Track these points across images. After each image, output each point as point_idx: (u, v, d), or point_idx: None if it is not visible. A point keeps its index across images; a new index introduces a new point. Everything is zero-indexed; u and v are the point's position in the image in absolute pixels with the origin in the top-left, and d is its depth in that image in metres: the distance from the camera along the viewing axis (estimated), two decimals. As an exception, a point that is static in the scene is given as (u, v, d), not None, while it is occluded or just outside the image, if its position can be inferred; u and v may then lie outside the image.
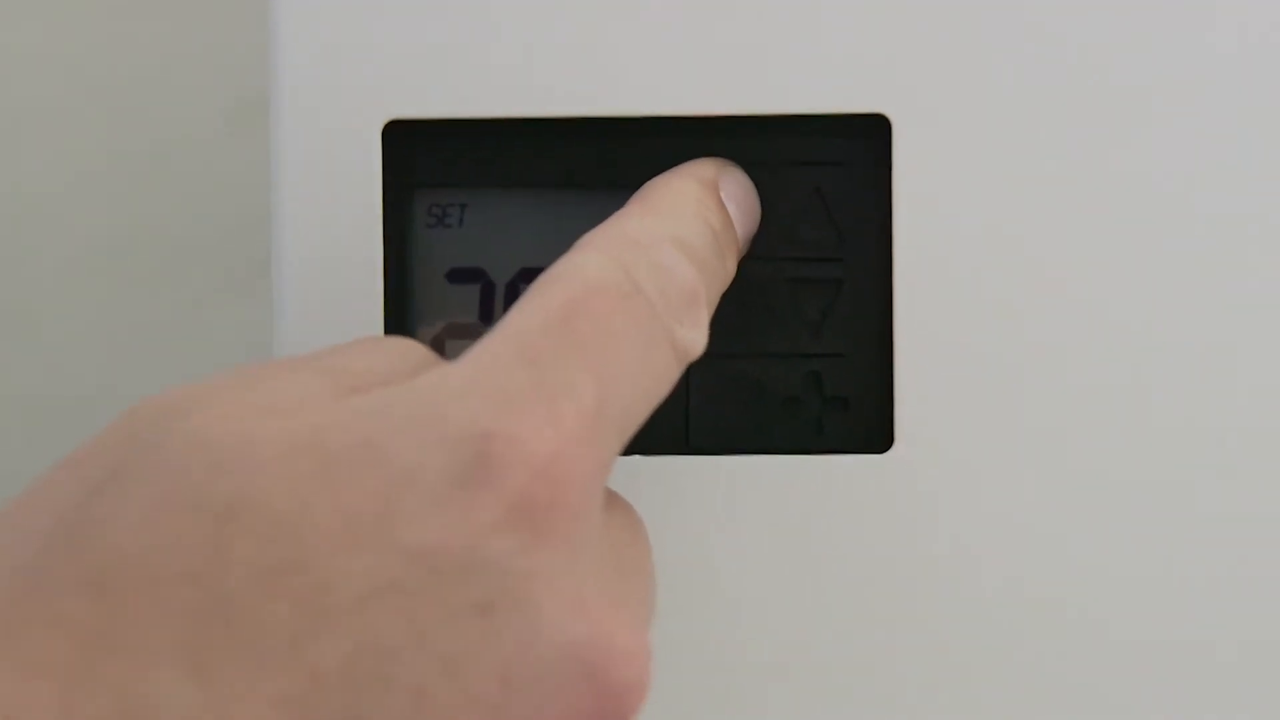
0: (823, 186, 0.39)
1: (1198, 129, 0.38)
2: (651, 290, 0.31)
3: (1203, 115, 0.38)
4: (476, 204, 0.39)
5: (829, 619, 0.38)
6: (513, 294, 0.39)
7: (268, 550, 0.26)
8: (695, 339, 0.32)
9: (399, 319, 0.39)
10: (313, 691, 0.26)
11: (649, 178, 0.36)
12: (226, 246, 0.62)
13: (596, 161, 0.39)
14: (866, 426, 0.39)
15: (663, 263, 0.32)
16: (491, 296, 0.39)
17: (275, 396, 0.28)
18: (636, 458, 0.38)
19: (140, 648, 0.26)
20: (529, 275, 0.39)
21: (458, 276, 0.39)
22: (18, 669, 0.25)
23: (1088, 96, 0.38)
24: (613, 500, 0.31)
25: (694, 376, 0.39)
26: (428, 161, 0.39)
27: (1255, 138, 0.38)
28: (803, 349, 0.39)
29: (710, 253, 0.34)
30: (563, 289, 0.30)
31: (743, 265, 0.37)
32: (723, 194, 0.36)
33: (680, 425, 0.39)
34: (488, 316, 0.39)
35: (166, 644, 0.26)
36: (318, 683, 0.26)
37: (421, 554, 0.27)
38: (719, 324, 0.35)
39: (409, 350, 0.31)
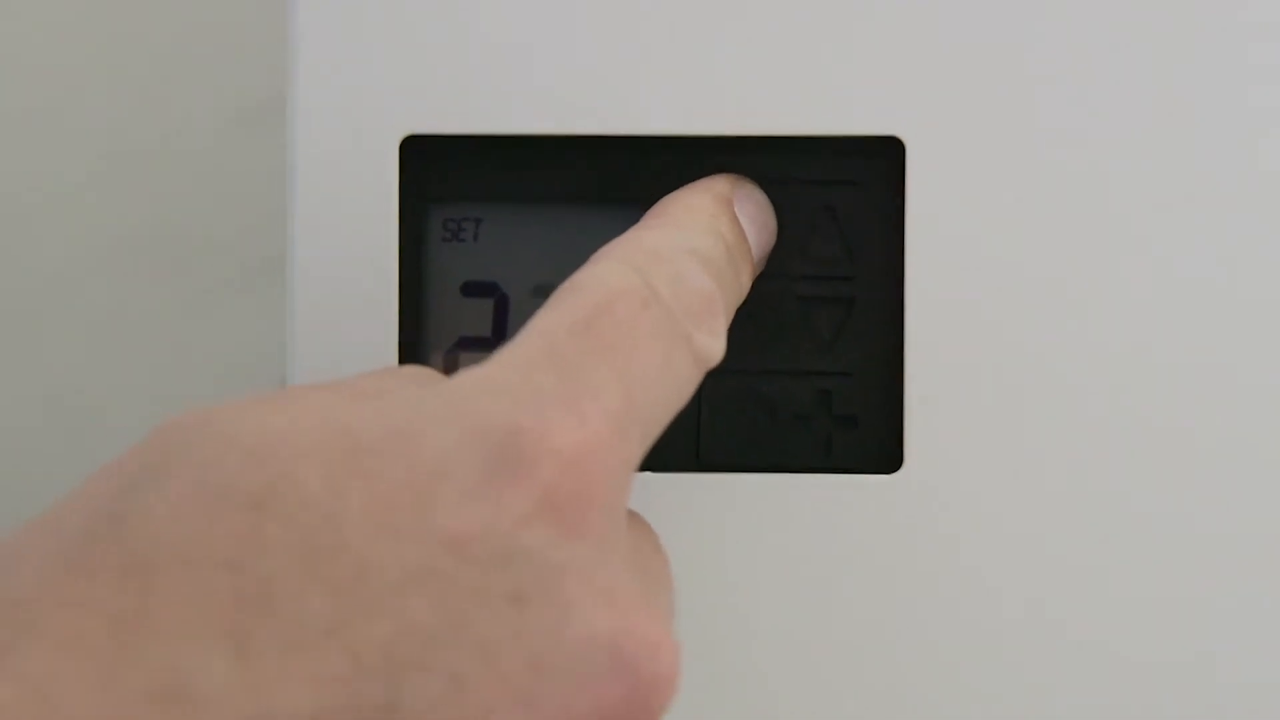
0: (836, 206, 0.39)
1: (1214, 152, 0.38)
2: (670, 298, 0.32)
3: (1214, 137, 0.38)
4: (491, 219, 0.39)
5: (837, 638, 0.38)
6: (526, 309, 0.39)
7: (304, 537, 0.27)
8: (714, 346, 0.33)
9: (413, 332, 0.39)
10: (351, 674, 0.26)
11: (663, 195, 0.36)
12: (236, 245, 0.63)
13: (611, 179, 0.39)
14: (876, 446, 0.39)
15: (680, 272, 0.32)
16: (505, 311, 0.39)
17: (305, 403, 0.29)
18: (646, 474, 0.38)
19: (179, 629, 0.26)
20: (543, 290, 0.39)
21: (472, 291, 0.39)
22: (56, 647, 0.26)
23: (1099, 120, 0.38)
24: (633, 514, 0.32)
25: (705, 393, 0.39)
26: (444, 176, 0.39)
27: (1266, 160, 0.38)
28: (813, 367, 0.39)
29: (725, 264, 0.34)
30: (586, 295, 0.31)
31: (755, 283, 0.37)
32: (737, 209, 0.37)
33: (690, 442, 0.39)
34: (501, 331, 0.39)
35: (205, 626, 0.26)
36: (356, 666, 0.26)
37: (456, 542, 0.27)
38: (731, 341, 0.35)
39: (428, 373, 0.32)
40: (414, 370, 0.32)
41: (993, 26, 0.38)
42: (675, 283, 0.32)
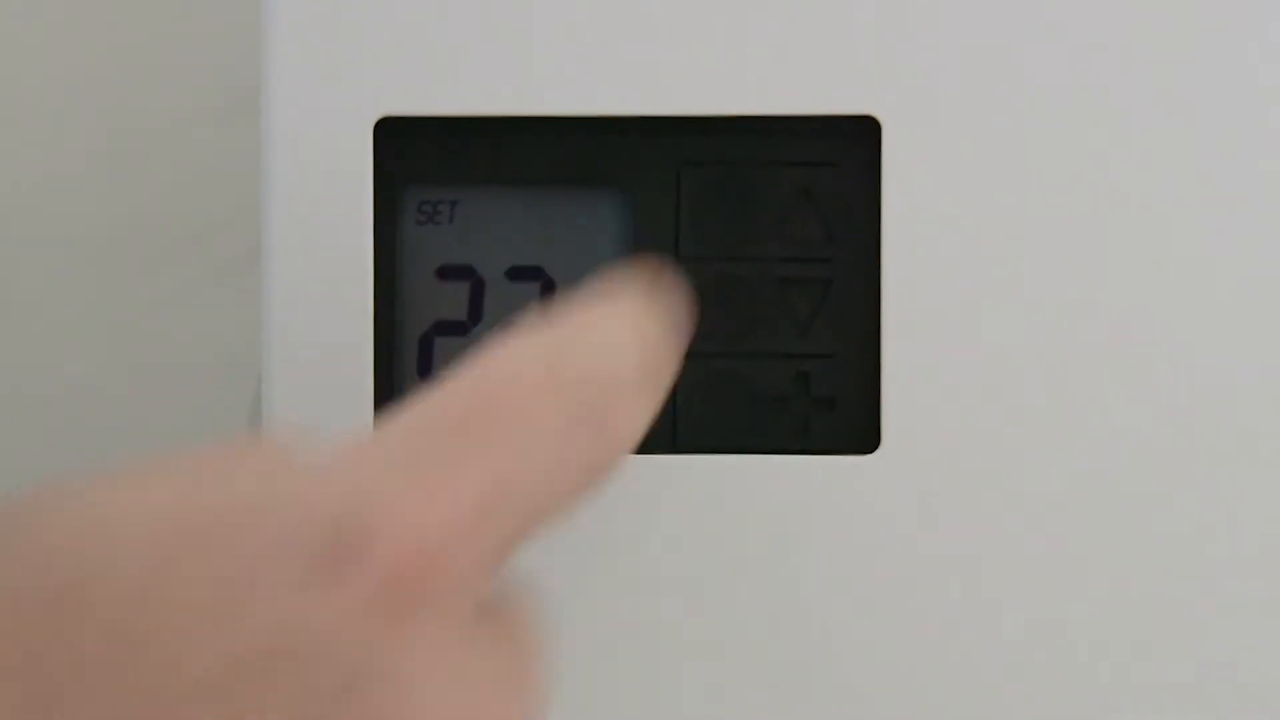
0: (812, 187, 0.39)
1: (1188, 131, 0.38)
2: (575, 377, 0.30)
3: (1193, 117, 0.38)
4: (467, 201, 0.39)
5: (815, 619, 0.38)
6: (502, 292, 0.39)
7: (108, 635, 0.26)
8: (627, 426, 0.31)
9: (388, 316, 0.39)
10: None
11: (638, 176, 0.36)
12: (216, 237, 0.63)
13: (587, 160, 0.39)
14: (853, 427, 0.39)
15: (595, 346, 0.30)
16: (481, 294, 0.39)
17: (137, 489, 0.28)
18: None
19: None
20: (518, 273, 0.39)
21: (447, 274, 0.39)
22: None
23: (1076, 99, 0.38)
24: (503, 592, 0.30)
25: (682, 375, 0.39)
26: (418, 158, 0.39)
27: (1247, 142, 0.38)
28: (790, 349, 0.39)
29: (646, 345, 0.32)
30: (475, 378, 0.29)
31: (733, 265, 0.37)
32: (652, 314, 0.34)
33: (667, 424, 0.39)
34: (477, 314, 0.39)
35: None
36: None
37: (279, 633, 0.26)
38: (708, 323, 0.35)
39: (286, 454, 0.29)
40: (272, 452, 0.29)
41: (967, 5, 0.38)
42: (588, 358, 0.30)
